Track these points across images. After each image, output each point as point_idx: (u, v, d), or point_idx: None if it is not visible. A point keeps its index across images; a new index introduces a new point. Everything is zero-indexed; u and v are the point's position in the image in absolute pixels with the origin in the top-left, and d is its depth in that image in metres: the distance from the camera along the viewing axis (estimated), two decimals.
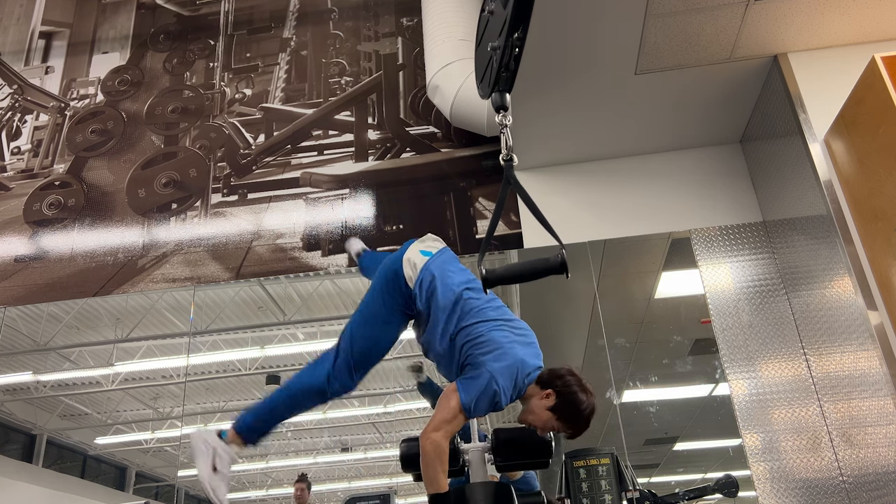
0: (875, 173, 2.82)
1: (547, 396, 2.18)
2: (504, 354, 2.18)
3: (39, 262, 4.46)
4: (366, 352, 2.37)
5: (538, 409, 2.20)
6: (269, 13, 5.17)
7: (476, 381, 2.14)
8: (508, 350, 2.19)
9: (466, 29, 4.12)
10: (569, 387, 2.18)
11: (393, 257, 2.47)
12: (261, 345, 5.53)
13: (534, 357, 2.28)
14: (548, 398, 2.18)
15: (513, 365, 2.17)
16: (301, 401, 2.39)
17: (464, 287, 2.36)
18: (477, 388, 2.13)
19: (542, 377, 2.22)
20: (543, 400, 2.19)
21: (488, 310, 2.32)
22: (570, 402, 2.17)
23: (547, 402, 2.18)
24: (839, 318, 3.12)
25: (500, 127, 2.13)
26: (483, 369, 2.15)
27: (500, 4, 2.00)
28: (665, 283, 4.38)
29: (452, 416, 2.14)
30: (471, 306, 2.31)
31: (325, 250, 4.23)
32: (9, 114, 5.11)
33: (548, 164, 4.07)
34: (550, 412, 2.18)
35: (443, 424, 2.14)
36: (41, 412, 6.13)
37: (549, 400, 2.18)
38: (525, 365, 2.20)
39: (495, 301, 2.39)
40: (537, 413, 2.20)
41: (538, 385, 2.21)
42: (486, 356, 2.18)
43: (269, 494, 7.36)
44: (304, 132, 4.65)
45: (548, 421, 2.20)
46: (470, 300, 2.33)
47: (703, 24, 3.15)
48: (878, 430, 2.85)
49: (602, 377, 4.21)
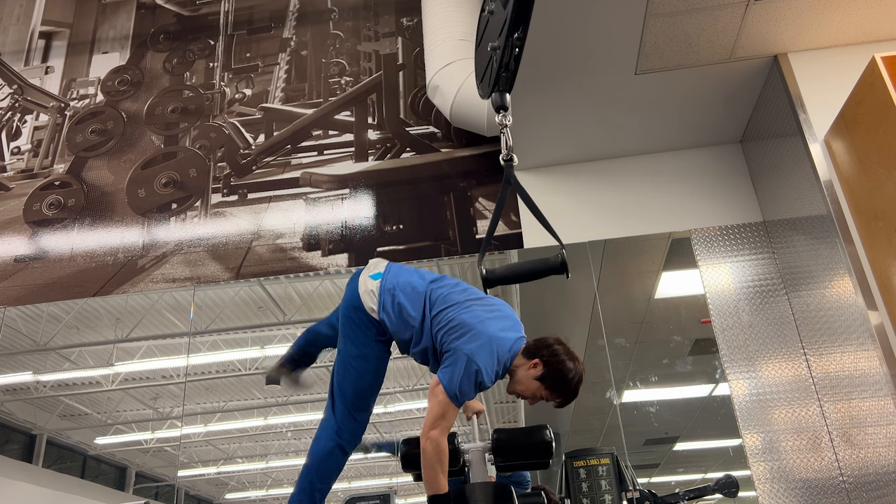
0: (875, 173, 2.82)
1: (534, 366, 2.20)
2: (476, 334, 2.17)
3: (39, 262, 4.46)
4: (359, 393, 2.38)
5: (526, 380, 2.21)
6: (268, 13, 5.17)
7: (454, 366, 2.13)
8: (480, 329, 2.19)
9: (466, 29, 4.11)
10: (556, 355, 2.19)
11: (348, 298, 2.41)
12: (261, 345, 5.52)
13: (511, 329, 2.27)
14: (535, 368, 2.20)
15: (487, 343, 2.17)
16: (327, 467, 2.38)
17: (426, 283, 2.35)
18: (456, 373, 2.12)
19: (529, 347, 2.23)
20: (531, 370, 2.20)
21: (454, 294, 2.30)
22: (557, 371, 2.18)
23: (534, 372, 2.20)
24: (839, 318, 3.12)
25: (500, 127, 2.13)
26: (458, 353, 2.15)
27: (500, 4, 2.00)
28: (665, 283, 4.38)
29: (442, 409, 2.13)
30: (436, 295, 2.30)
31: (325, 250, 4.23)
32: (9, 114, 5.11)
33: (548, 164, 4.07)
34: (538, 381, 2.20)
35: (437, 421, 2.13)
36: (41, 412, 6.13)
37: (536, 370, 2.20)
38: (501, 339, 2.20)
39: (460, 285, 2.36)
40: (525, 383, 2.22)
41: (524, 356, 2.22)
42: (458, 340, 2.17)
43: (269, 494, 7.35)
44: (304, 132, 4.65)
45: (536, 390, 2.22)
46: (434, 290, 2.32)
47: (703, 24, 3.15)
48: (878, 430, 2.85)
49: (602, 377, 4.21)
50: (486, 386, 2.18)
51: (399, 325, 2.30)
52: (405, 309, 2.28)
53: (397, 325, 2.30)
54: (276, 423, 6.45)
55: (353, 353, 2.37)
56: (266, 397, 6.13)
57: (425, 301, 2.30)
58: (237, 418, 6.40)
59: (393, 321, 2.30)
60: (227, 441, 6.79)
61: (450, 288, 2.33)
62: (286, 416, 6.39)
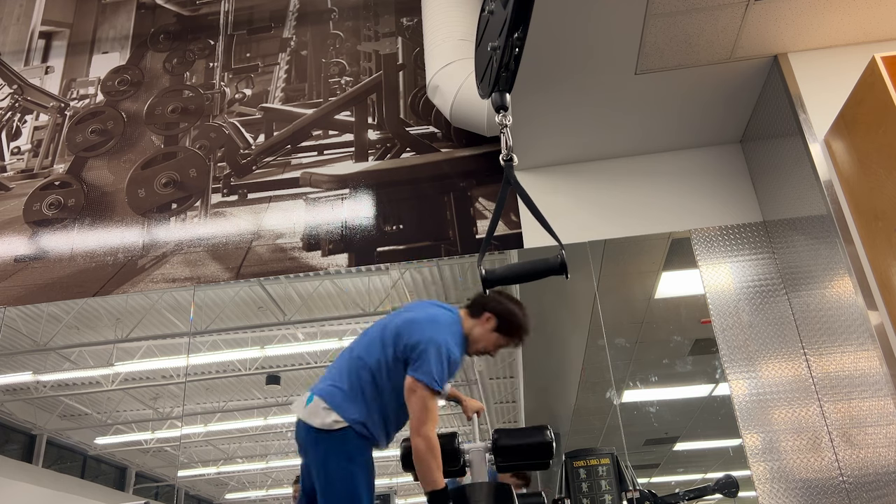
0: (875, 173, 2.82)
1: (487, 321, 2.32)
2: (420, 322, 2.24)
3: (39, 262, 4.46)
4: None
5: (484, 336, 2.33)
6: (268, 13, 5.17)
7: (421, 357, 2.16)
8: (419, 318, 2.26)
9: (466, 29, 4.11)
10: (502, 304, 2.33)
11: (326, 446, 2.18)
12: (261, 345, 5.52)
13: (441, 307, 2.36)
14: (488, 322, 2.32)
15: (433, 321, 2.25)
16: None
17: (355, 356, 2.31)
18: (427, 361, 2.15)
19: (473, 307, 2.35)
20: (485, 325, 2.32)
21: (373, 330, 2.36)
22: (508, 316, 2.32)
23: (490, 325, 2.32)
24: (839, 318, 3.12)
25: (500, 127, 2.13)
26: (419, 345, 2.18)
27: (500, 4, 2.00)
28: (665, 283, 4.38)
29: (425, 403, 2.14)
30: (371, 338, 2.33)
31: (325, 250, 4.23)
32: (9, 114, 5.11)
33: (548, 164, 4.07)
34: (496, 332, 2.33)
35: (423, 417, 2.14)
36: (41, 412, 6.13)
37: (490, 323, 2.32)
38: (440, 314, 2.28)
39: (373, 326, 2.39)
40: (484, 339, 2.33)
41: (472, 316, 2.33)
42: (412, 337, 2.20)
43: (269, 494, 7.35)
44: (304, 132, 4.65)
45: (496, 340, 2.34)
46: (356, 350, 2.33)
47: (703, 24, 3.15)
48: (878, 430, 2.85)
49: (602, 377, 4.21)
50: (457, 360, 2.23)
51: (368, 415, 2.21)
52: (366, 395, 2.22)
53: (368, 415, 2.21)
54: (276, 423, 6.45)
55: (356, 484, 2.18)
56: (266, 397, 6.13)
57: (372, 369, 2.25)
58: (237, 418, 6.40)
59: (365, 413, 2.20)
60: (227, 441, 6.79)
61: (367, 334, 2.37)
62: (286, 416, 6.39)
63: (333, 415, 2.16)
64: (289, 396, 6.07)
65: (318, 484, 2.17)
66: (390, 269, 4.64)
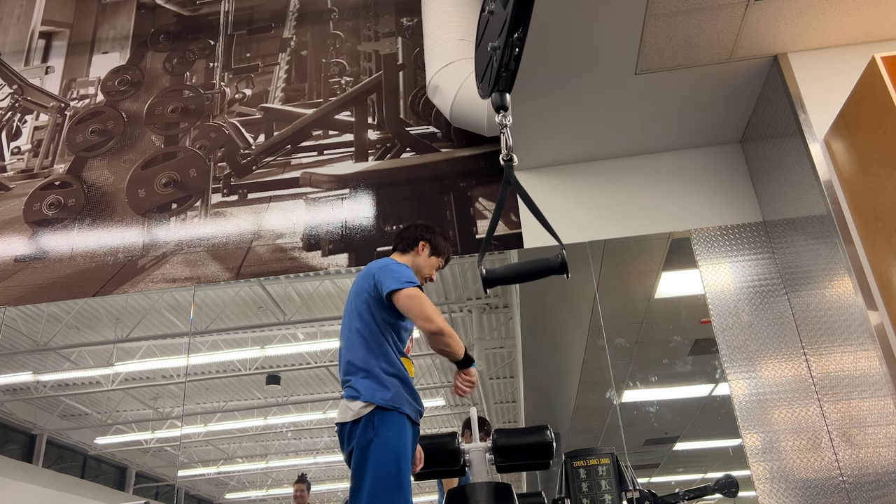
0: (875, 173, 2.82)
1: (423, 248, 2.59)
2: (367, 269, 2.46)
3: (39, 262, 4.46)
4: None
5: (425, 263, 2.59)
6: (269, 13, 5.17)
7: (383, 278, 2.34)
8: (363, 271, 2.48)
9: (466, 29, 4.12)
10: (429, 230, 2.62)
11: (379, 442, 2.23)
12: (261, 345, 5.53)
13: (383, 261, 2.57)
14: (424, 249, 2.59)
15: (375, 264, 2.47)
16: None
17: (343, 348, 2.42)
18: (388, 276, 2.34)
19: (403, 244, 2.61)
20: (423, 252, 2.59)
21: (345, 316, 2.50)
22: (437, 240, 2.62)
23: (427, 252, 2.59)
24: (839, 318, 3.12)
25: (500, 127, 2.13)
26: (377, 277, 2.38)
27: (500, 4, 2.00)
28: (665, 283, 4.38)
29: (419, 297, 2.28)
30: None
31: (325, 250, 4.23)
32: (9, 114, 5.11)
33: (548, 164, 4.07)
34: (433, 256, 2.60)
35: (426, 309, 2.24)
36: (41, 412, 6.13)
37: (426, 250, 2.59)
38: (377, 261, 2.50)
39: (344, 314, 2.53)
40: (426, 265, 2.59)
41: (408, 253, 2.60)
42: (369, 281, 2.39)
43: (269, 494, 7.36)
44: (304, 132, 4.65)
45: (435, 263, 2.61)
46: (342, 342, 2.45)
47: (703, 24, 3.15)
48: (878, 430, 2.85)
49: (602, 377, 4.21)
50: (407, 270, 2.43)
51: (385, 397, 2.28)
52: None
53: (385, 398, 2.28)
54: (276, 423, 6.45)
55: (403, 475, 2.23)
56: (266, 397, 6.13)
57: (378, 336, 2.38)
58: (237, 418, 6.40)
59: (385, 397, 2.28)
60: (227, 441, 6.79)
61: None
62: (286, 416, 6.39)
63: (359, 403, 2.23)
64: (289, 396, 6.07)
65: (352, 469, 2.21)
66: None
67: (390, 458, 2.16)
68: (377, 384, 2.24)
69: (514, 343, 5.20)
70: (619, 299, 4.44)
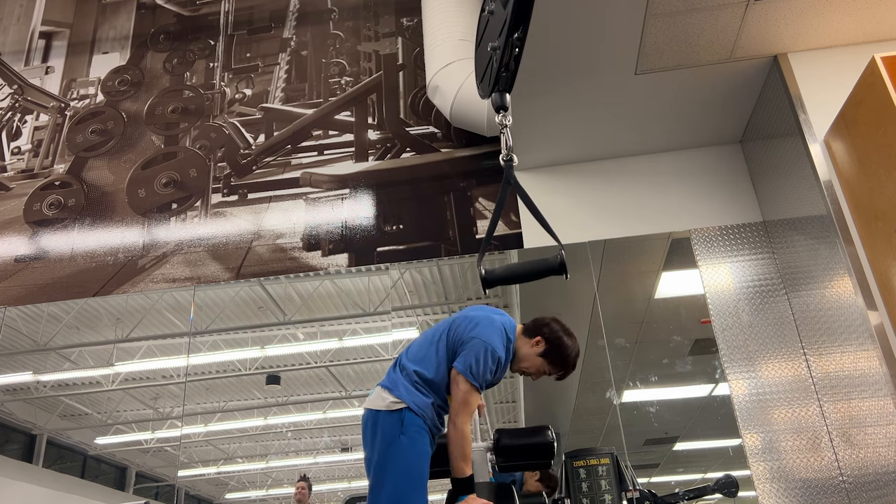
0: (875, 173, 2.82)
1: (536, 343, 2.39)
2: (482, 322, 2.36)
3: (39, 262, 4.46)
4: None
5: (530, 357, 2.40)
6: (269, 13, 5.17)
7: (471, 352, 2.27)
8: (483, 318, 2.38)
9: (466, 29, 4.11)
10: (555, 332, 2.39)
11: (389, 429, 2.28)
12: (261, 345, 5.53)
13: (503, 315, 2.47)
14: (537, 345, 2.39)
15: (492, 324, 2.35)
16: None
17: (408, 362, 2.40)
18: (473, 357, 2.26)
19: (529, 327, 2.44)
20: (534, 347, 2.39)
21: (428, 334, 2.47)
22: (558, 346, 2.38)
23: (537, 349, 2.39)
24: (839, 318, 3.12)
25: (500, 127, 2.13)
26: (472, 341, 2.30)
27: (500, 4, 2.00)
28: (665, 283, 4.38)
29: (465, 397, 2.24)
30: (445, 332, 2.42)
31: (325, 250, 4.23)
32: (9, 114, 5.11)
33: (548, 164, 4.07)
34: (542, 357, 2.39)
35: (461, 409, 2.24)
36: (41, 412, 6.13)
37: (538, 347, 2.39)
38: (502, 321, 2.40)
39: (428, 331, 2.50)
40: (530, 360, 2.40)
41: (526, 335, 2.42)
42: (471, 331, 2.33)
43: (269, 494, 7.36)
44: (304, 132, 4.65)
45: (541, 366, 2.41)
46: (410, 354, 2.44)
47: (703, 24, 3.15)
48: (878, 430, 2.86)
49: (602, 377, 4.21)
50: (503, 361, 2.32)
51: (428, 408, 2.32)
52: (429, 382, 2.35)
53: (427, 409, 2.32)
54: (276, 423, 6.45)
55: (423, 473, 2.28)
56: (266, 397, 6.14)
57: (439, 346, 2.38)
58: (237, 418, 6.41)
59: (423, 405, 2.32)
60: (227, 441, 6.79)
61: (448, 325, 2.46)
62: (286, 416, 6.40)
63: (391, 397, 2.28)
64: (289, 396, 6.07)
65: (373, 463, 2.24)
66: (390, 269, 4.64)
67: (415, 459, 2.21)
68: (416, 391, 2.30)
69: None
70: (619, 299, 4.44)
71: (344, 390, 5.98)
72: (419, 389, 2.30)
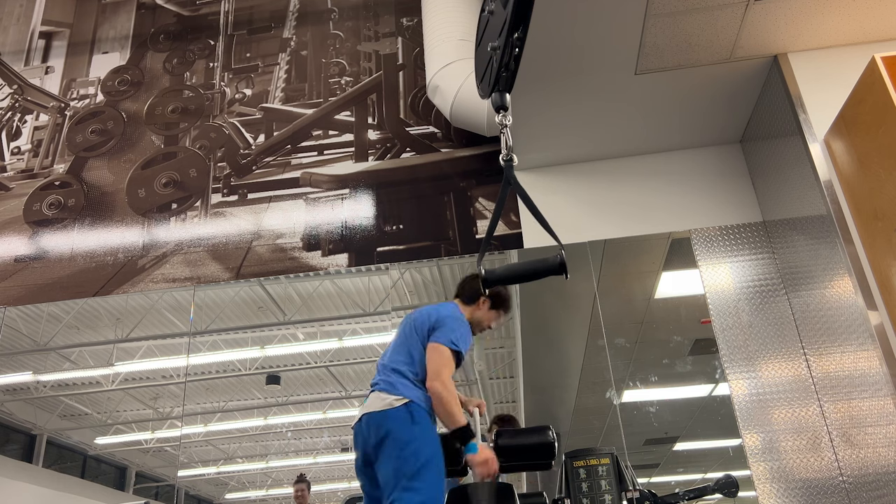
0: (875, 173, 2.82)
1: (483, 303, 2.77)
2: (441, 308, 2.68)
3: (39, 262, 4.46)
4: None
5: (485, 315, 2.78)
6: (269, 13, 5.17)
7: (441, 327, 2.55)
8: (438, 308, 2.69)
9: (466, 29, 4.11)
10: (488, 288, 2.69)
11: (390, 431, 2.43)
12: (261, 345, 5.53)
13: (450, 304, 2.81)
14: (485, 303, 2.78)
15: (449, 309, 2.70)
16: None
17: (389, 367, 2.59)
18: (446, 329, 2.54)
19: (466, 297, 2.79)
20: (483, 306, 2.78)
21: (398, 336, 2.71)
22: (497, 295, 2.78)
23: (486, 306, 2.78)
24: (839, 318, 3.12)
25: (500, 127, 2.13)
26: (440, 321, 2.58)
27: (500, 4, 2.00)
28: (665, 283, 4.38)
29: (445, 359, 2.48)
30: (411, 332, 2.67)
31: (325, 250, 4.23)
32: (9, 114, 5.11)
33: (548, 164, 4.07)
34: (493, 310, 2.79)
35: (442, 369, 2.44)
36: (41, 412, 6.13)
37: (486, 303, 2.78)
38: (445, 305, 2.74)
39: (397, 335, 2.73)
40: (485, 318, 2.78)
41: (470, 304, 2.78)
42: (436, 318, 2.60)
43: (269, 494, 7.36)
44: (304, 132, 4.65)
45: (494, 316, 2.80)
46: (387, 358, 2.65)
47: (703, 24, 3.15)
48: (878, 430, 2.86)
49: (602, 377, 4.21)
50: (470, 335, 2.65)
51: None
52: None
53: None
54: (276, 423, 6.45)
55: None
56: (266, 397, 6.14)
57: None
58: (237, 418, 6.41)
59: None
60: (227, 441, 6.80)
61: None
62: (286, 416, 6.40)
63: (392, 396, 2.43)
64: (289, 396, 6.07)
65: (384, 460, 2.36)
66: (390, 269, 4.64)
67: (437, 446, 2.38)
68: (414, 387, 2.46)
69: (514, 343, 5.20)
70: (618, 299, 4.44)
71: (344, 390, 5.98)
72: (415, 385, 2.47)
